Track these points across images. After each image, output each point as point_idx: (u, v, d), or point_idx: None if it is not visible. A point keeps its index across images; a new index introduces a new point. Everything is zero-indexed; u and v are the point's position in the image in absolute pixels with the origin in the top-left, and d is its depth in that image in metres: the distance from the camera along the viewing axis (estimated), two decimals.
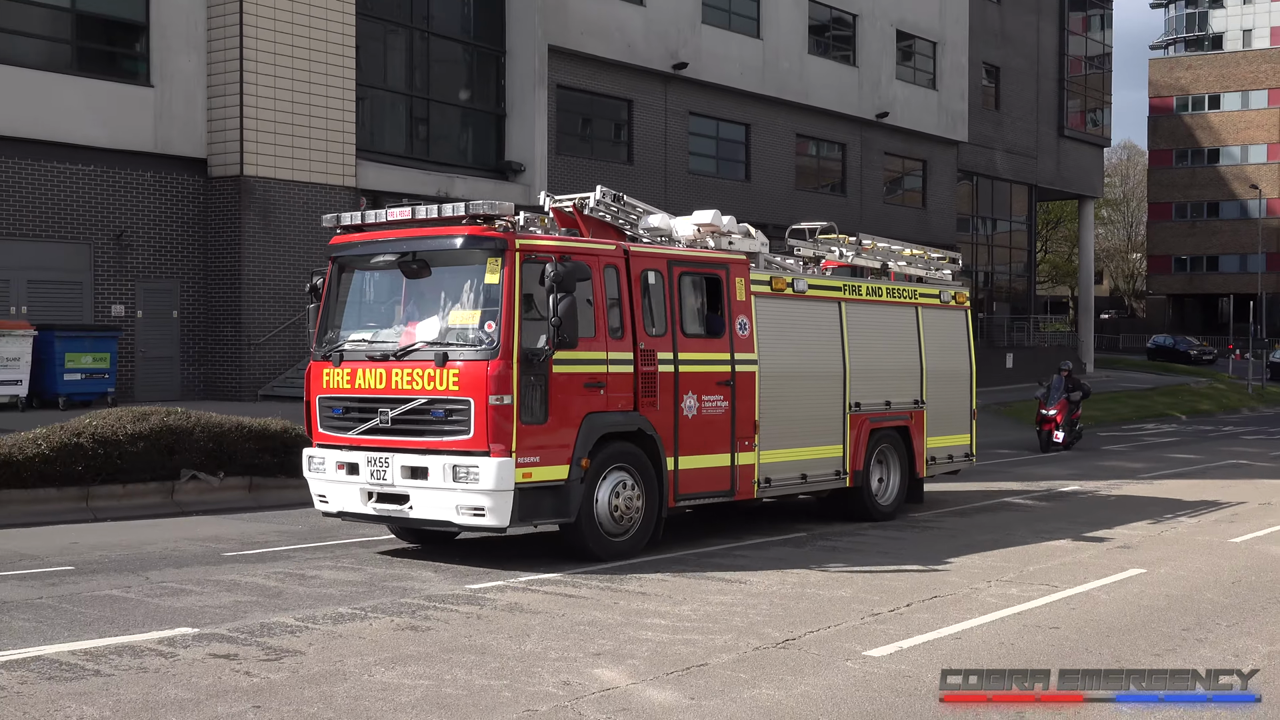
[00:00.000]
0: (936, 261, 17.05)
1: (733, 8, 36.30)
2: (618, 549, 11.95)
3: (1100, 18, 57.98)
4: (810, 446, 13.94)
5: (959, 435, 16.56)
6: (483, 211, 11.41)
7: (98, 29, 23.60)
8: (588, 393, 11.59)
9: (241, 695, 7.48)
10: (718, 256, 13.22)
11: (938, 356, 15.98)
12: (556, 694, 7.57)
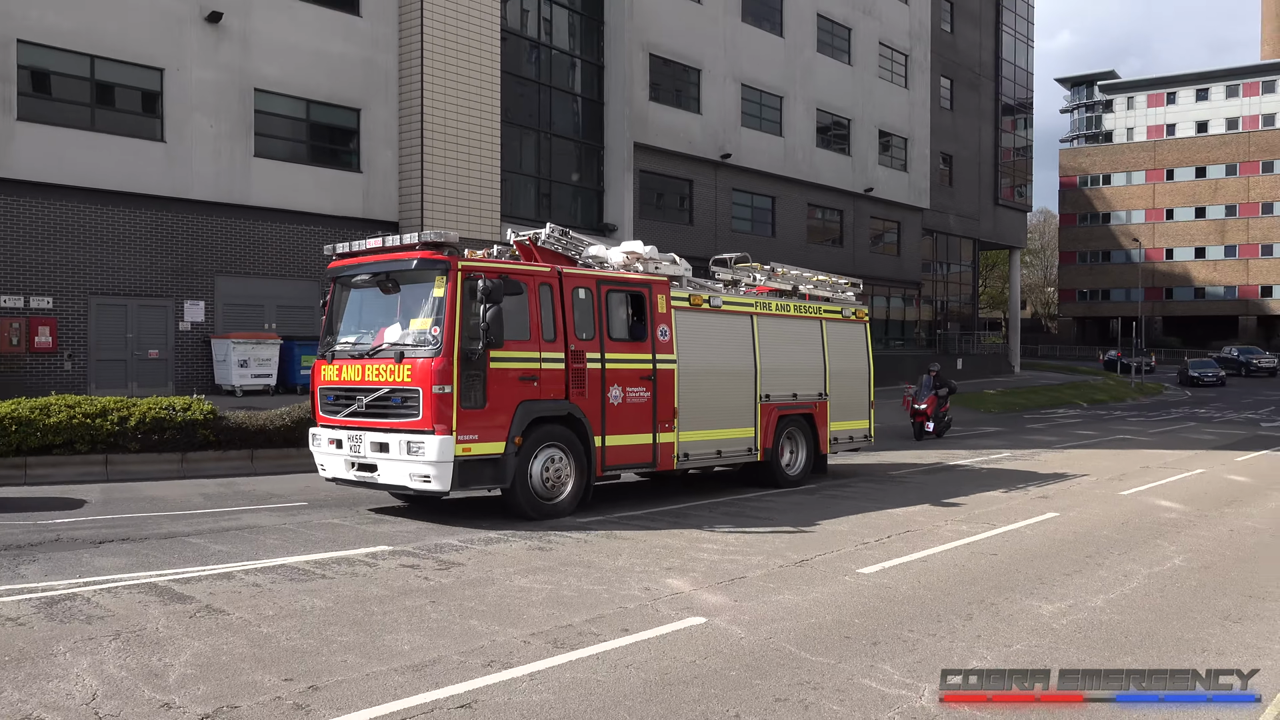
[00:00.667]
0: (841, 285, 16.09)
1: (763, 115, 36.11)
2: (549, 510, 10.98)
3: (1024, 120, 57.01)
4: (725, 429, 13.08)
5: (860, 421, 15.64)
6: (431, 239, 10.56)
7: (325, 133, 23.94)
8: (522, 384, 10.70)
9: (422, 593, 7.55)
10: (641, 277, 12.28)
11: (839, 359, 15.13)
12: (639, 595, 7.56)
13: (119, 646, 6.01)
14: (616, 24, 30.53)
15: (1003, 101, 53.62)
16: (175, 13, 20.82)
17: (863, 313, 16.03)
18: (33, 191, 19.15)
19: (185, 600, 7.14)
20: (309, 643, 6.18)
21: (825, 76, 38.54)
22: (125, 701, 5.12)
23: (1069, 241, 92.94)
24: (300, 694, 5.28)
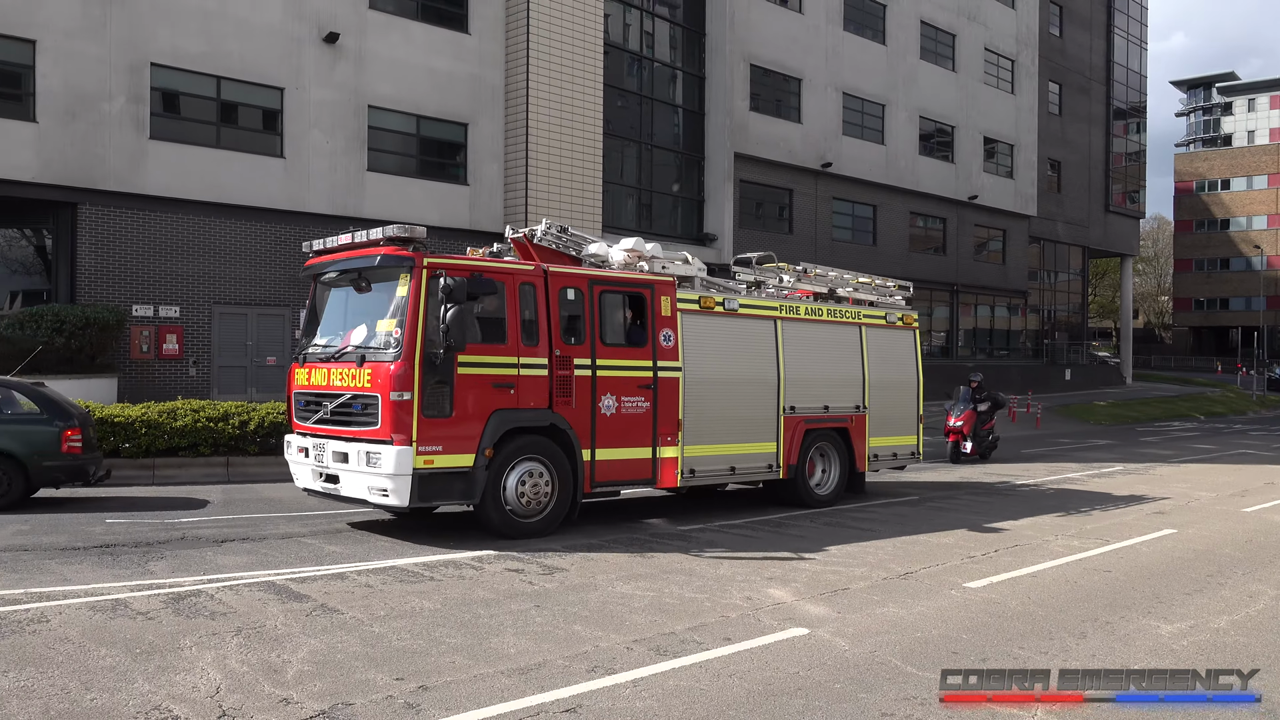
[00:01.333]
0: (888, 288, 14.64)
1: (864, 123, 35.62)
2: (526, 529, 9.98)
3: (1137, 124, 54.98)
4: (740, 443, 11.87)
5: (905, 436, 14.10)
6: (394, 234, 9.72)
7: (434, 148, 24.49)
8: (496, 391, 9.75)
9: (526, 598, 7.61)
10: (641, 277, 11.18)
11: (882, 369, 13.69)
12: (741, 605, 7.49)
13: (240, 642, 6.21)
14: (718, 35, 30.52)
15: (1114, 106, 51.84)
16: (295, 34, 21.59)
17: (911, 318, 14.61)
18: (162, 206, 20.05)
19: (302, 599, 7.35)
20: (419, 643, 6.29)
21: (928, 84, 37.83)
22: (247, 696, 5.29)
23: (1185, 248, 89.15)
24: (411, 693, 5.37)
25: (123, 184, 19.47)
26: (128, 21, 19.46)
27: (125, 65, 19.45)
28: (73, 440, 11.76)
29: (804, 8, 33.25)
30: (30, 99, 18.64)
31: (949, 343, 40.60)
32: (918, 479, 16.52)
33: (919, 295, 38.80)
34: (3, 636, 6.21)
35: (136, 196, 19.61)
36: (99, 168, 19.23)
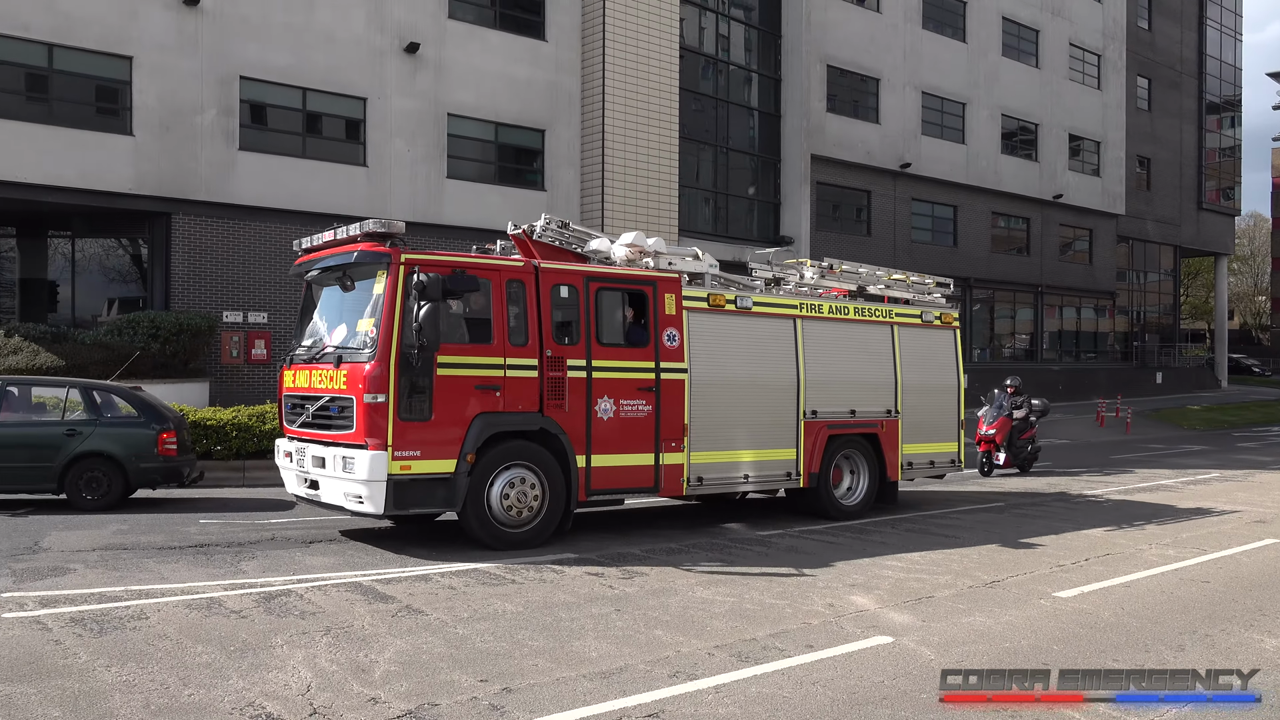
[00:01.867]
0: (925, 285, 13.69)
1: (944, 122, 35.04)
2: (512, 539, 9.47)
3: (1231, 118, 53.03)
4: (755, 449, 11.22)
5: (944, 443, 13.17)
6: (371, 229, 9.37)
7: (511, 154, 24.80)
8: (480, 394, 9.27)
9: (607, 601, 7.63)
10: (643, 274, 10.59)
11: (918, 371, 12.82)
12: (823, 612, 7.41)
13: (329, 642, 6.35)
14: (794, 37, 30.33)
15: (1207, 100, 50.08)
16: (377, 45, 22.04)
17: (951, 317, 13.56)
18: (251, 215, 20.62)
19: (387, 600, 7.48)
20: (501, 645, 6.36)
21: (1010, 81, 37.05)
22: (336, 694, 5.40)
23: None
24: (495, 695, 5.42)
25: (213, 194, 20.09)
26: (219, 36, 20.08)
27: (216, 79, 20.08)
28: (168, 443, 12.17)
29: (882, 7, 32.86)
30: (127, 113, 19.35)
31: (1033, 345, 39.67)
32: (996, 488, 16.18)
33: (1002, 297, 38.29)
34: (105, 632, 6.44)
35: (226, 206, 20.21)
36: (191, 179, 19.87)
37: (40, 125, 18.51)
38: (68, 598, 7.34)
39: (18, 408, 12.23)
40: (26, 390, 12.58)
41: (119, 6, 19.08)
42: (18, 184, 18.24)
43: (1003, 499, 14.30)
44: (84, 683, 5.46)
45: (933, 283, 13.84)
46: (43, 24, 18.39)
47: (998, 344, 38.58)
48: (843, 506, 12.14)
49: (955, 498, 14.45)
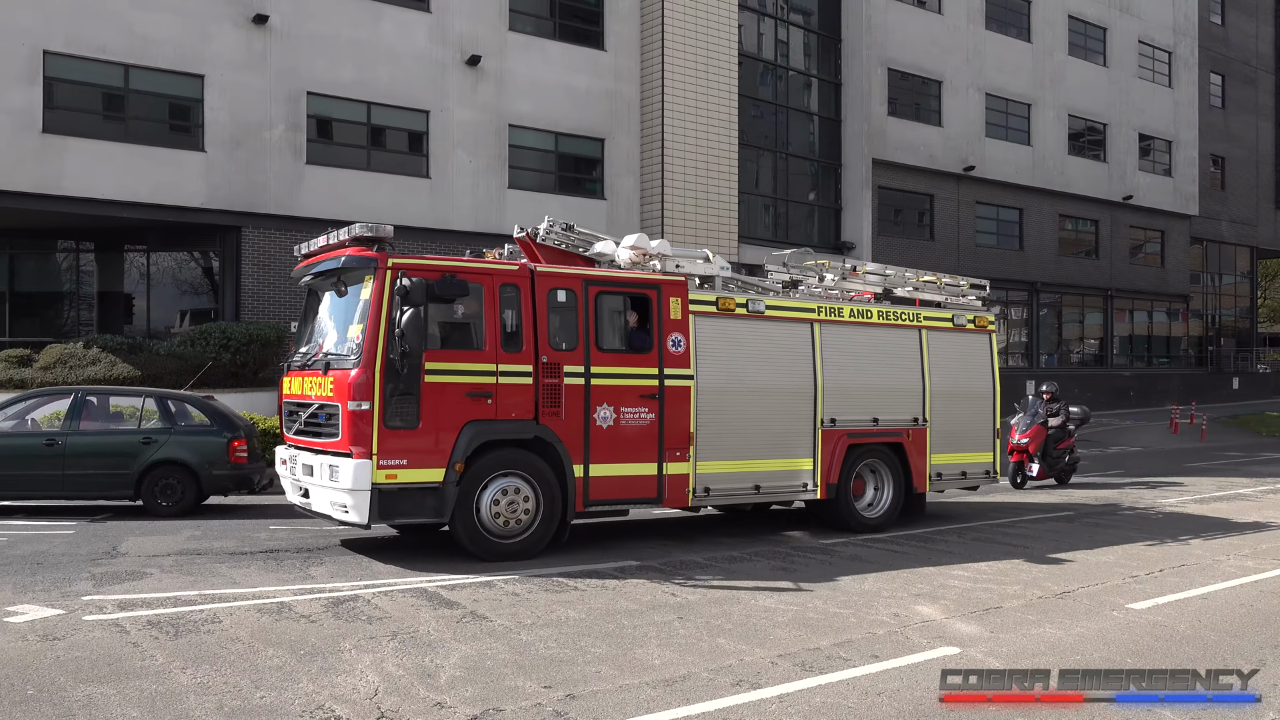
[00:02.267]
0: (959, 287, 13.06)
1: (1009, 124, 34.49)
2: (503, 551, 9.21)
3: None
4: (768, 459, 10.78)
5: (976, 453, 12.56)
6: (359, 233, 9.14)
7: (571, 164, 24.99)
8: (471, 401, 9.02)
9: (669, 609, 7.63)
10: (646, 277, 10.20)
11: (948, 377, 12.22)
12: (888, 621, 7.32)
13: (396, 646, 6.44)
14: (854, 40, 30.13)
15: None
16: (439, 59, 22.37)
17: (986, 320, 12.89)
18: (318, 227, 20.82)
19: (452, 606, 7.57)
20: (565, 652, 6.39)
21: (1077, 80, 36.34)
22: (403, 699, 5.47)
23: None
24: (559, 701, 5.45)
25: (281, 207, 20.55)
26: (287, 53, 20.56)
27: (284, 95, 20.54)
28: (239, 450, 12.46)
29: (944, 8, 32.49)
30: (199, 130, 19.89)
31: (1103, 351, 38.80)
32: (1061, 498, 15.85)
33: (1070, 301, 37.52)
34: (181, 635, 6.61)
35: (294, 219, 20.65)
36: (260, 193, 20.34)
37: (117, 143, 19.11)
38: (145, 601, 7.55)
39: (96, 417, 12.62)
40: (105, 400, 12.99)
41: (192, 27, 19.63)
42: (97, 200, 18.85)
43: (1071, 508, 14.01)
44: (160, 684, 5.61)
45: (967, 284, 13.21)
46: (119, 46, 19.00)
47: (1065, 349, 37.81)
48: (864, 519, 11.61)
49: (1021, 508, 14.19)
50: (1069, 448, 17.02)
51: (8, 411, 12.38)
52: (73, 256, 23.12)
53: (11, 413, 12.41)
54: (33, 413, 12.64)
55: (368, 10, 21.52)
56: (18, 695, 5.39)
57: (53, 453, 11.98)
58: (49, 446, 12.01)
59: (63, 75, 18.76)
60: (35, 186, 18.34)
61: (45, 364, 17.79)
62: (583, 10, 24.89)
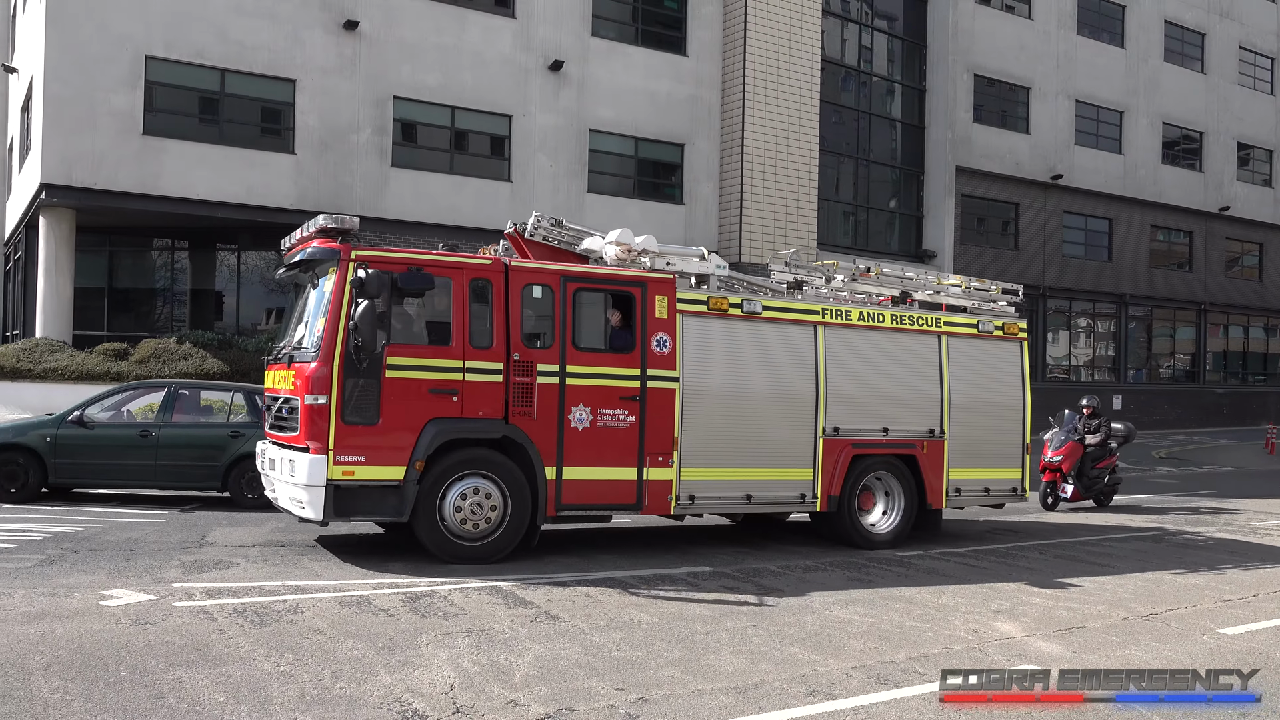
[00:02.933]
0: (988, 292, 12.30)
1: (1099, 132, 33.66)
2: (466, 553, 8.95)
3: None
4: (761, 468, 10.23)
5: (1002, 469, 11.75)
6: (324, 224, 8.98)
7: (650, 168, 25.10)
8: (434, 398, 8.76)
9: (742, 616, 7.61)
10: (630, 274, 9.79)
11: (970, 387, 11.47)
12: (966, 637, 7.19)
13: (471, 643, 6.53)
14: (939, 47, 29.70)
15: None
16: (523, 64, 22.66)
17: (1016, 327, 12.06)
18: (401, 229, 21.44)
19: (526, 605, 7.65)
20: (637, 655, 6.41)
21: (1173, 87, 35.29)
22: (478, 695, 5.55)
23: None
24: (631, 704, 5.47)
25: (367, 209, 20.98)
26: (375, 59, 21.03)
27: (372, 99, 21.01)
28: None
29: (1033, 13, 31.86)
30: (290, 133, 20.45)
31: (1195, 366, 37.55)
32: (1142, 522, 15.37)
33: (1160, 315, 36.39)
34: (265, 624, 6.80)
35: (379, 220, 21.07)
36: (347, 195, 20.82)
37: (212, 145, 19.76)
38: (231, 590, 7.78)
39: (188, 410, 13.06)
40: (196, 394, 13.43)
41: (285, 32, 20.20)
42: (192, 200, 19.51)
43: (1159, 527, 13.58)
44: (245, 671, 5.78)
45: (998, 289, 12.44)
46: (216, 51, 19.64)
47: (1155, 364, 36.69)
48: (870, 534, 10.97)
49: (1106, 527, 13.80)
50: (1109, 467, 15.65)
51: (105, 403, 12.88)
52: (168, 254, 23.96)
53: (108, 404, 12.91)
54: (128, 405, 13.14)
55: (454, 16, 21.91)
56: (112, 676, 5.60)
57: (147, 443, 12.42)
58: (143, 437, 12.46)
59: (162, 79, 19.46)
60: (135, 186, 19.06)
61: (140, 358, 18.46)
62: (665, 16, 24.98)
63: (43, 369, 17.91)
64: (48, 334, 19.79)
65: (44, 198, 18.94)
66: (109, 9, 18.76)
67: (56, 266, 20.02)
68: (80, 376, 17.43)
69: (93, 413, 12.64)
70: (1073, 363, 34.12)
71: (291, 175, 20.38)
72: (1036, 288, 31.80)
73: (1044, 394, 31.45)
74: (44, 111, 18.61)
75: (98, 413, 12.71)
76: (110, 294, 23.38)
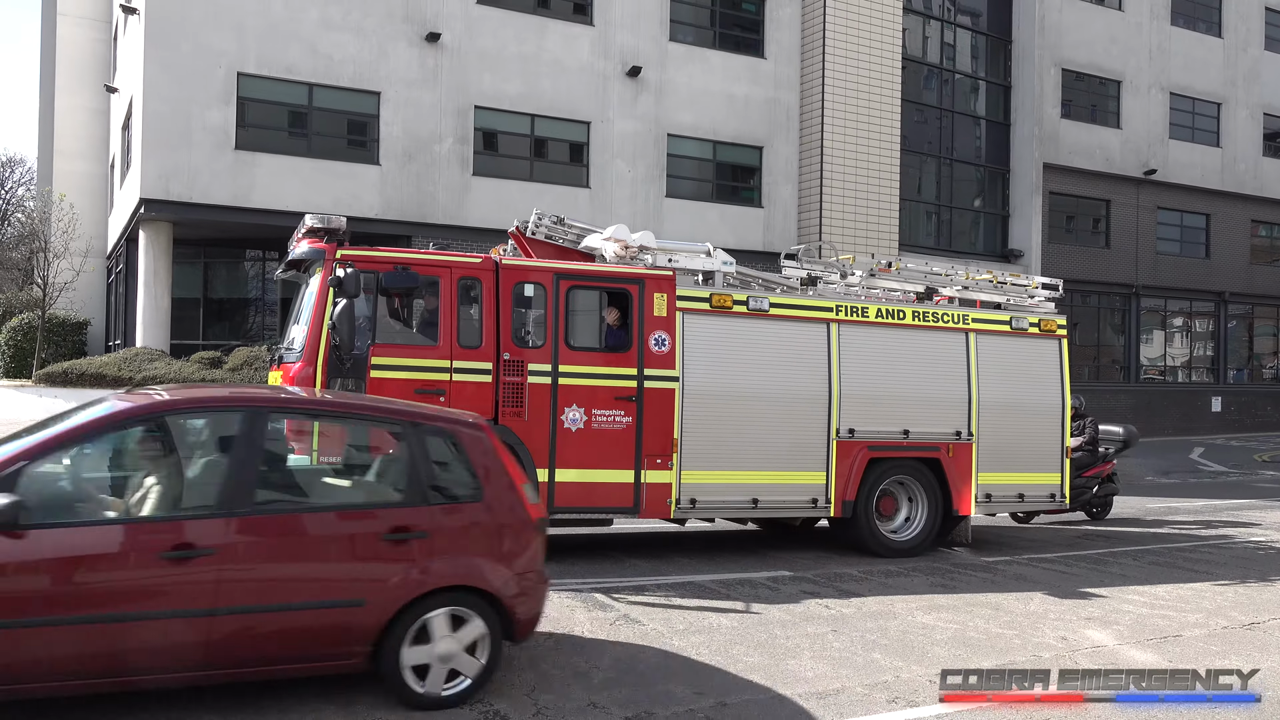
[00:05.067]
0: (1023, 288, 11.70)
1: (1195, 124, 32.46)
2: None
3: None
4: (769, 471, 9.84)
5: (1039, 474, 11.10)
6: (311, 224, 8.93)
7: (729, 172, 25.01)
8: (420, 399, 8.47)
9: (823, 621, 7.54)
10: (626, 271, 9.55)
11: (1003, 387, 10.90)
12: (1056, 645, 7.01)
13: (552, 645, 6.59)
14: (1025, 41, 29.02)
15: None
16: (602, 71, 22.81)
17: (1054, 323, 11.39)
18: (483, 237, 21.69)
19: (605, 609, 7.69)
20: (716, 659, 6.39)
21: (1274, 77, 33.87)
22: (558, 696, 5.60)
23: None
24: (710, 709, 5.46)
25: (450, 218, 21.36)
26: (457, 70, 21.39)
27: (454, 109, 21.38)
28: None
29: (1124, 5, 30.91)
30: (375, 145, 20.92)
31: None
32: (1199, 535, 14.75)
33: (1262, 313, 34.94)
34: None
35: (461, 229, 21.41)
36: (430, 204, 21.22)
37: (300, 158, 20.31)
38: None
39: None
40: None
41: (371, 46, 20.68)
42: (282, 212, 20.07)
43: (1262, 532, 13.05)
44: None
45: (1035, 284, 11.81)
46: (305, 66, 20.20)
47: (1257, 364, 35.22)
48: (890, 541, 10.49)
49: (1202, 535, 13.30)
50: (1098, 475, 13.89)
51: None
52: (259, 265, 24.71)
53: None
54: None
55: (533, 25, 22.17)
56: None
57: None
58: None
59: (254, 95, 20.08)
60: (229, 200, 19.70)
61: (233, 365, 19.07)
62: (743, 19, 24.89)
63: (142, 377, 18.62)
64: (147, 343, 20.57)
65: (143, 212, 19.70)
66: (205, 28, 19.44)
67: (155, 278, 20.79)
68: (178, 384, 18.08)
69: None
70: (1169, 363, 32.97)
71: (377, 186, 20.84)
72: (1130, 286, 30.83)
73: (1137, 395, 30.58)
74: (143, 128, 19.36)
75: None
76: (205, 304, 24.21)
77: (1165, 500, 16.51)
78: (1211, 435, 30.81)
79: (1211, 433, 31.27)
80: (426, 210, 21.17)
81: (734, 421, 9.77)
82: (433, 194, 21.26)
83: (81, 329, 26.24)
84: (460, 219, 21.42)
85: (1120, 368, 31.43)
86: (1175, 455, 24.74)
